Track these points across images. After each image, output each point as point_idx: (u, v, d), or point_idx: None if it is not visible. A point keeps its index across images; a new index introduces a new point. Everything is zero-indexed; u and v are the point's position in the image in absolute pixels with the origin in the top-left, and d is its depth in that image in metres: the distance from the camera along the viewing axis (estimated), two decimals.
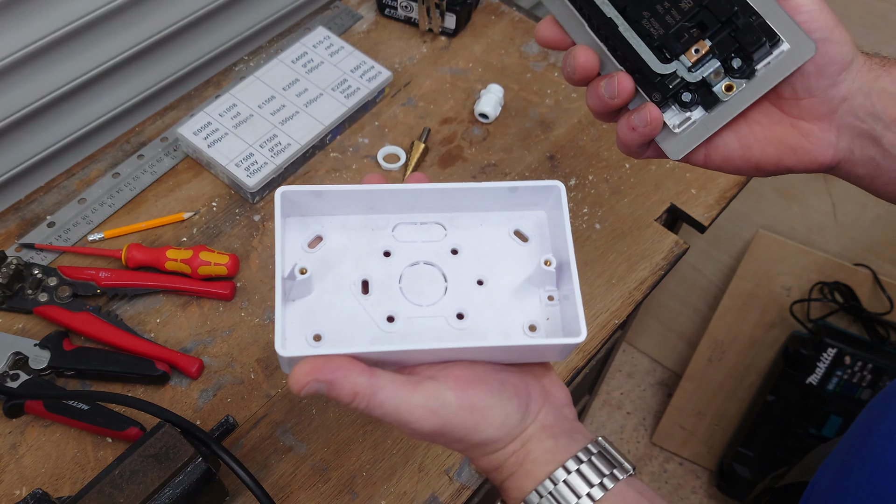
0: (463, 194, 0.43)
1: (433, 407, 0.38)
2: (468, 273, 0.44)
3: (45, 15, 0.72)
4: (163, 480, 0.52)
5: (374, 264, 0.43)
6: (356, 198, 0.42)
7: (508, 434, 0.40)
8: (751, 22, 0.45)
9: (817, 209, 1.27)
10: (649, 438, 1.63)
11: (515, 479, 0.41)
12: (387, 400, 0.37)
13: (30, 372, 0.64)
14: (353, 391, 0.37)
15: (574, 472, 0.40)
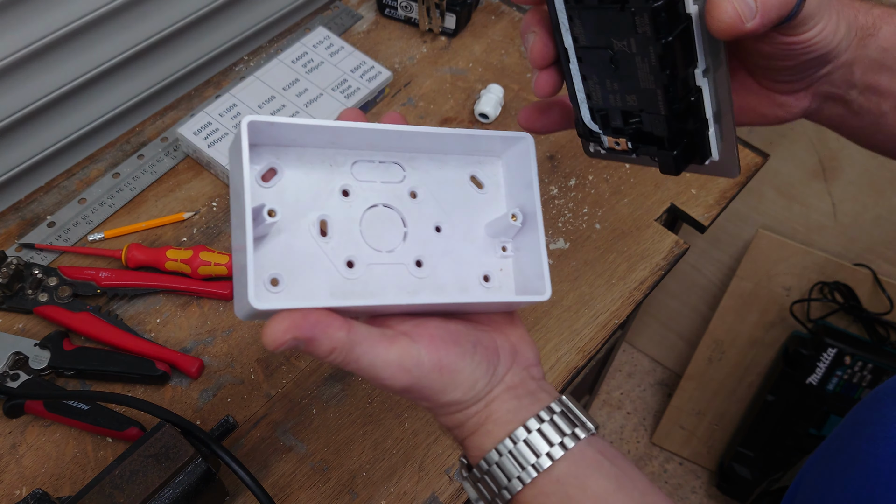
0: (426, 138, 0.42)
1: (406, 365, 0.38)
2: (426, 219, 0.43)
3: (45, 15, 0.71)
4: (163, 480, 0.52)
5: (332, 204, 0.40)
6: (317, 130, 0.39)
7: (475, 396, 0.40)
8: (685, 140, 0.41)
9: (817, 209, 1.27)
10: (649, 438, 1.63)
11: (476, 438, 0.41)
12: (363, 355, 0.37)
13: (30, 372, 0.64)
14: (331, 347, 0.35)
15: (535, 431, 0.40)
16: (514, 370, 0.42)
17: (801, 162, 1.24)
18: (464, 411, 0.41)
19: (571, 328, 0.71)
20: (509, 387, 0.42)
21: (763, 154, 0.84)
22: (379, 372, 0.37)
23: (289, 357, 0.68)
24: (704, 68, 0.38)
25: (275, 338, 0.34)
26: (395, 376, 0.38)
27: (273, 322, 0.35)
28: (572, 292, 0.73)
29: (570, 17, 0.39)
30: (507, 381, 0.42)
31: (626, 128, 0.42)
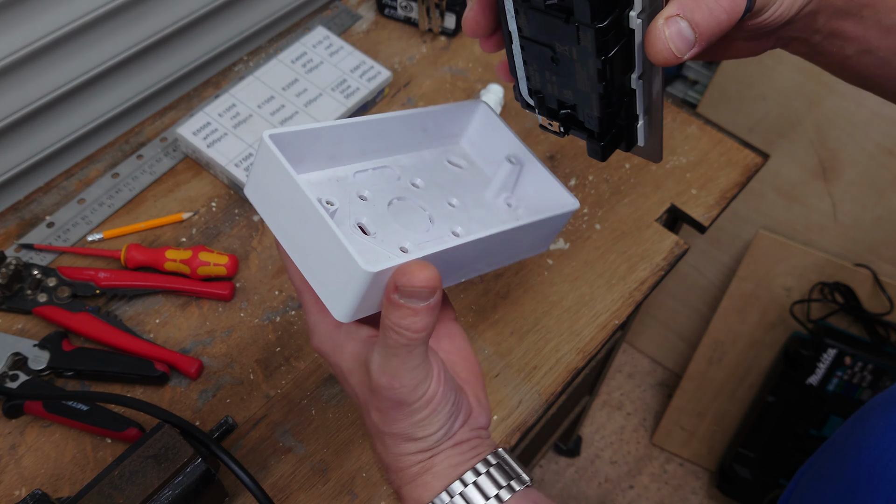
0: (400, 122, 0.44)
1: (417, 381, 0.39)
2: (438, 199, 0.45)
3: (45, 15, 0.71)
4: (162, 481, 0.52)
5: (357, 209, 0.42)
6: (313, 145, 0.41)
7: (428, 444, 0.41)
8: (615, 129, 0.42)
9: (817, 210, 1.27)
10: (649, 439, 1.63)
11: (413, 489, 0.42)
12: (418, 354, 0.38)
13: (29, 372, 0.63)
14: (427, 325, 0.37)
15: (471, 484, 0.40)
16: (465, 429, 0.43)
17: (801, 162, 1.24)
18: (411, 455, 0.42)
19: (571, 329, 0.71)
20: (456, 443, 0.42)
21: (763, 154, 0.84)
22: (405, 372, 0.38)
23: (288, 358, 0.68)
24: (640, 73, 0.39)
25: (421, 281, 0.35)
26: (407, 385, 0.38)
27: (418, 267, 0.36)
28: (572, 293, 0.73)
29: (517, 10, 0.39)
30: (456, 438, 0.42)
31: (559, 113, 0.43)
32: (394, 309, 0.37)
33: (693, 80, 1.35)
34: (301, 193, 0.37)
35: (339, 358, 0.42)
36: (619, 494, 1.57)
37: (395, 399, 0.39)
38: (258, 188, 0.39)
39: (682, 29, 0.34)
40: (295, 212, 0.37)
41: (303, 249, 0.38)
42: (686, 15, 0.34)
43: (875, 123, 1.14)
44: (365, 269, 0.35)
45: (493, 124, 0.47)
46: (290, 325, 0.69)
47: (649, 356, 1.73)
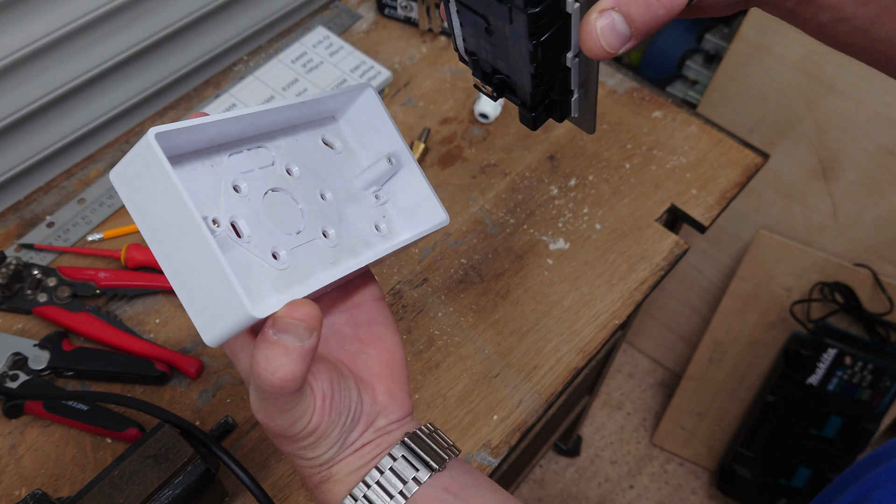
0: (273, 114, 0.42)
1: (294, 418, 0.37)
2: (310, 190, 0.44)
3: (45, 15, 0.71)
4: (162, 481, 0.52)
5: (232, 204, 0.39)
6: (193, 134, 0.38)
7: (322, 460, 0.40)
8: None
9: (817, 209, 1.27)
10: (649, 439, 1.63)
11: (320, 494, 0.41)
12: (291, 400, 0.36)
13: (29, 372, 0.63)
14: (297, 375, 0.34)
15: (374, 484, 0.39)
16: (367, 433, 0.41)
17: (801, 162, 1.24)
18: (310, 468, 0.41)
19: (571, 329, 0.71)
20: (356, 449, 0.41)
21: (763, 154, 0.84)
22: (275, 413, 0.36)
23: None
24: (576, 53, 0.37)
25: (301, 315, 0.33)
26: (281, 424, 0.37)
27: (299, 304, 0.34)
28: (572, 293, 0.73)
29: None
30: (355, 445, 0.41)
31: (493, 77, 0.42)
32: (265, 346, 0.34)
33: (693, 80, 1.35)
34: (189, 216, 0.33)
35: (235, 364, 0.40)
36: (619, 494, 1.57)
37: (274, 432, 0.38)
38: (130, 182, 0.35)
39: (616, 23, 0.32)
40: (176, 229, 0.34)
41: (177, 266, 0.35)
42: (621, 8, 0.32)
43: (875, 123, 1.14)
44: (252, 313, 0.33)
45: (376, 112, 0.46)
46: None
47: (649, 356, 1.73)
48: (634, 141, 0.84)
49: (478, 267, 0.74)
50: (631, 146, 0.83)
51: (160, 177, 0.34)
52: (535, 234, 0.76)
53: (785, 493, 1.44)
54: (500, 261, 0.74)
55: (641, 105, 0.87)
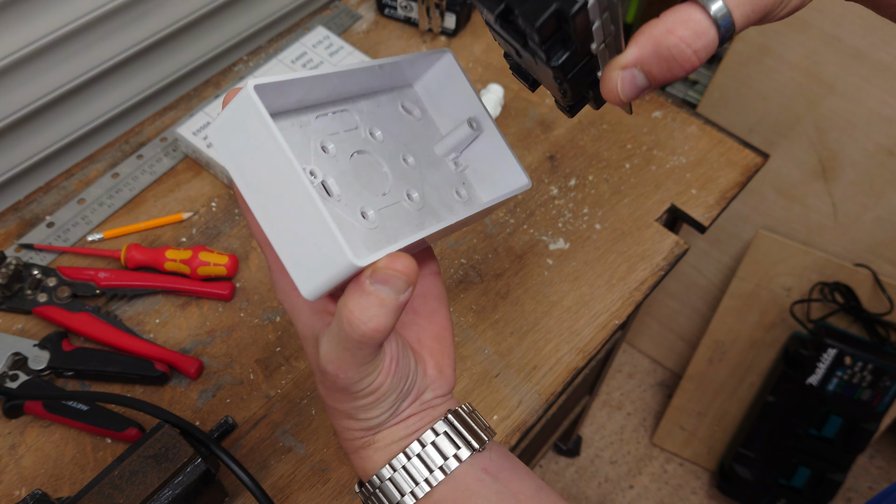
0: (357, 75, 0.42)
1: (363, 373, 0.37)
2: (394, 154, 0.44)
3: (45, 15, 0.71)
4: (162, 481, 0.52)
5: (321, 164, 0.40)
6: (284, 92, 0.38)
7: (372, 424, 0.40)
8: None
9: (818, 210, 1.27)
10: (649, 439, 1.63)
11: (359, 459, 0.41)
12: (373, 353, 0.36)
13: (29, 372, 0.63)
14: (386, 327, 0.34)
15: (414, 457, 0.39)
16: (414, 405, 0.41)
17: (801, 162, 1.24)
18: (355, 431, 0.41)
19: (571, 329, 0.71)
20: (402, 419, 0.41)
21: (763, 154, 0.84)
22: (352, 365, 0.36)
23: (288, 357, 0.68)
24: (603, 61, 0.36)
25: (402, 268, 0.33)
26: (351, 377, 0.37)
27: (401, 256, 0.33)
28: (572, 293, 0.73)
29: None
30: (402, 416, 0.41)
31: (528, 76, 0.41)
32: (359, 296, 0.33)
33: (693, 80, 1.35)
34: (291, 169, 0.33)
35: (295, 320, 0.39)
36: (619, 494, 1.57)
37: (338, 385, 0.37)
38: (229, 136, 0.35)
39: (636, 78, 0.33)
40: (275, 181, 0.34)
41: (276, 218, 0.35)
42: (643, 67, 0.32)
43: (875, 123, 1.14)
44: (354, 262, 0.33)
45: (455, 77, 0.45)
46: (290, 325, 0.69)
47: (649, 356, 1.73)
48: (634, 141, 0.84)
49: (478, 267, 0.74)
50: (631, 146, 0.83)
51: (260, 129, 0.34)
52: (535, 234, 0.76)
53: (785, 493, 1.44)
54: (500, 261, 0.74)
55: (641, 105, 0.87)
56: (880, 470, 1.62)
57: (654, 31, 0.31)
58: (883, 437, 1.62)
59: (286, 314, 0.40)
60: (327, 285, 0.34)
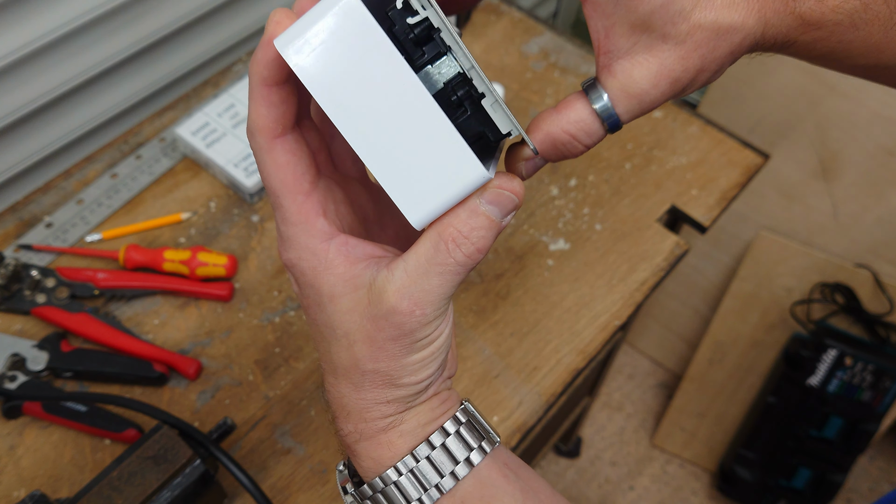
0: None
1: (443, 310, 0.35)
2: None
3: (45, 15, 0.71)
4: (161, 482, 0.52)
5: None
6: None
7: (414, 392, 0.37)
8: None
9: (818, 210, 1.27)
10: (650, 440, 1.63)
11: (373, 447, 0.37)
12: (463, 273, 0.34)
13: (28, 373, 0.63)
14: (487, 247, 0.33)
15: (439, 446, 0.36)
16: (438, 383, 0.39)
17: (801, 162, 1.24)
18: (385, 405, 0.37)
19: (572, 329, 0.70)
20: (429, 397, 0.38)
21: (763, 154, 0.84)
22: (437, 296, 0.34)
23: (287, 358, 0.67)
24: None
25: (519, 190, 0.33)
26: (436, 310, 0.34)
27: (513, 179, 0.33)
28: (573, 293, 0.73)
29: None
30: (429, 392, 0.38)
31: None
32: (470, 217, 0.32)
33: None
34: (409, 82, 0.30)
35: (322, 279, 0.35)
36: (620, 495, 1.57)
37: (405, 329, 0.34)
38: (319, 53, 0.31)
39: (536, 163, 0.36)
40: (386, 98, 0.31)
41: (382, 141, 0.32)
42: (542, 155, 0.35)
43: (875, 123, 1.14)
44: (488, 175, 0.31)
45: None
46: (289, 325, 0.69)
47: (650, 357, 1.72)
48: (635, 141, 0.84)
49: (478, 267, 0.74)
50: (631, 146, 0.83)
51: (368, 39, 0.30)
52: (536, 235, 0.76)
53: (785, 493, 1.44)
54: (501, 261, 0.74)
55: None
56: (881, 471, 1.61)
57: (550, 129, 0.34)
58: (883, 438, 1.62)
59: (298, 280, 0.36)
60: (445, 206, 0.32)
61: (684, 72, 0.33)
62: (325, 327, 0.37)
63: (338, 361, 0.37)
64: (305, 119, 0.38)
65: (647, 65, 0.33)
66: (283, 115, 0.34)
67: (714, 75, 0.34)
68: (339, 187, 0.38)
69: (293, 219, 0.35)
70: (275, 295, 0.71)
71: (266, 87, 0.33)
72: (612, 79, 0.33)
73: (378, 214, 0.41)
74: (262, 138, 0.34)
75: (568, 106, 0.34)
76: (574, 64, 0.90)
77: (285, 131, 0.34)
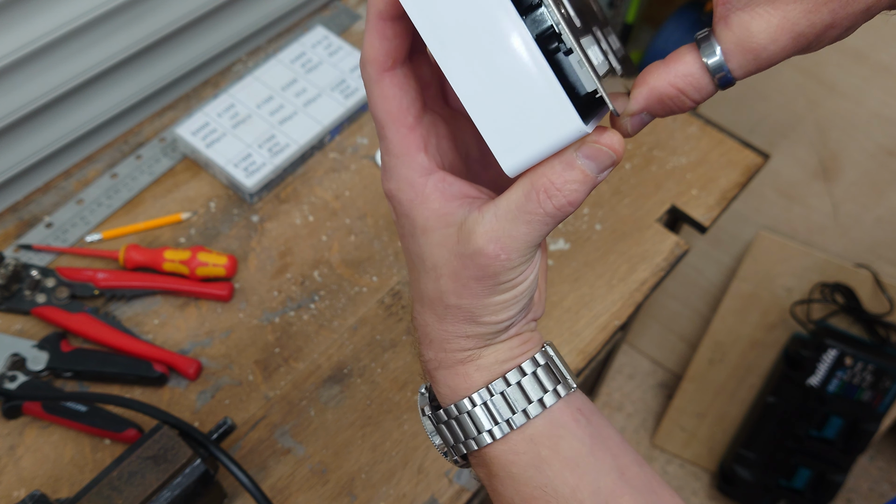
0: None
1: (532, 250, 0.35)
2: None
3: (45, 15, 0.71)
4: (161, 482, 0.52)
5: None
6: None
7: (494, 331, 0.38)
8: None
9: (818, 210, 1.27)
10: (650, 440, 1.63)
11: (451, 376, 0.38)
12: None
13: (28, 373, 0.63)
14: (581, 199, 0.33)
15: (514, 384, 0.37)
16: (522, 323, 0.39)
17: (801, 162, 1.24)
18: (465, 339, 0.38)
19: (572, 329, 0.70)
20: (510, 336, 0.39)
21: (763, 154, 0.84)
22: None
23: (287, 358, 0.68)
24: None
25: (620, 145, 0.32)
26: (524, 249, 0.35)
27: (614, 134, 0.32)
28: (573, 293, 0.73)
29: None
30: (511, 332, 0.39)
31: None
32: (565, 169, 0.32)
33: None
34: (513, 21, 0.30)
35: (417, 211, 0.36)
36: None
37: (489, 271, 0.35)
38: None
39: (643, 119, 0.34)
40: (487, 37, 0.30)
41: (481, 83, 0.31)
42: (648, 111, 0.34)
43: (875, 123, 1.14)
44: (585, 128, 0.30)
45: None
46: (289, 325, 0.69)
47: (650, 357, 1.72)
48: (635, 141, 0.84)
49: None
50: (631, 146, 0.83)
51: None
52: None
53: (785, 494, 1.44)
54: None
55: None
56: (881, 471, 1.61)
57: (657, 84, 0.32)
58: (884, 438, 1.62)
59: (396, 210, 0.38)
60: (539, 156, 0.32)
61: (810, 27, 0.30)
62: (416, 257, 0.38)
63: (425, 291, 0.38)
64: (420, 53, 0.38)
65: (768, 17, 0.30)
66: (394, 49, 0.34)
67: (845, 32, 0.32)
68: (446, 123, 0.39)
69: (395, 150, 0.36)
70: (275, 295, 0.71)
71: (381, 21, 0.34)
72: (728, 31, 0.31)
73: (481, 153, 0.41)
74: (372, 70, 0.35)
75: (677, 59, 0.32)
76: None
77: (395, 65, 0.35)
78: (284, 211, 0.76)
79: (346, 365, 0.67)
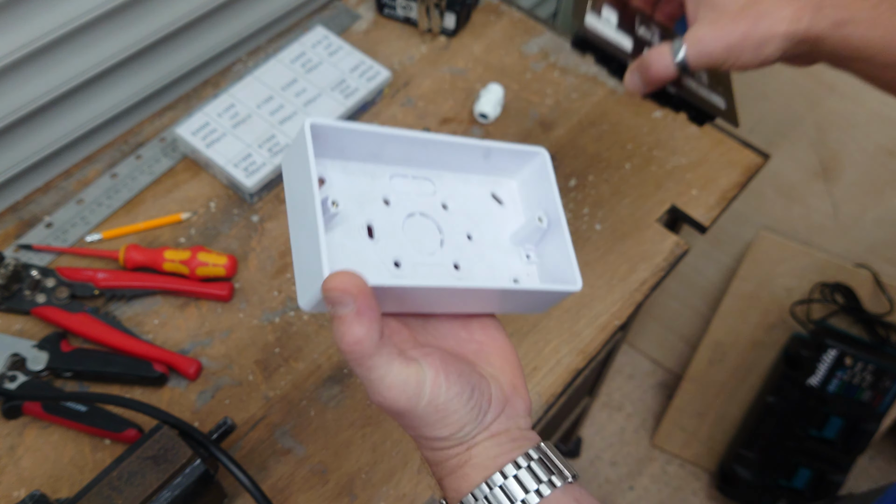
0: (449, 149, 0.46)
1: (410, 392, 0.38)
2: (458, 227, 0.46)
3: (44, 14, 0.71)
4: (161, 482, 0.52)
5: (375, 211, 0.44)
6: (360, 141, 0.43)
7: (459, 439, 0.41)
8: None
9: (818, 210, 1.27)
10: (650, 440, 1.63)
11: (453, 480, 0.42)
12: (377, 366, 0.37)
13: (28, 373, 0.63)
14: (359, 337, 0.36)
15: (511, 477, 0.40)
16: (501, 419, 0.43)
17: (801, 162, 1.24)
18: (445, 450, 0.42)
19: (572, 329, 0.70)
20: (493, 434, 0.42)
21: (764, 154, 0.84)
22: (383, 388, 0.38)
23: (287, 359, 0.67)
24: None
25: (334, 284, 0.36)
26: (396, 398, 0.38)
27: (339, 273, 0.36)
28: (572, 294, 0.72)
29: None
30: (492, 430, 0.42)
31: None
32: (333, 322, 0.37)
33: None
34: (309, 186, 0.39)
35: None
36: (620, 496, 1.57)
37: (394, 410, 0.39)
38: (289, 164, 0.42)
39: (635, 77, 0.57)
40: (303, 199, 0.40)
41: (297, 234, 0.40)
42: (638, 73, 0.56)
43: (875, 123, 1.14)
44: (323, 272, 0.37)
45: (544, 176, 0.48)
46: (289, 325, 0.69)
47: (650, 357, 1.72)
48: (635, 141, 0.84)
49: None
50: (631, 146, 0.83)
51: (303, 155, 0.40)
52: None
53: (785, 493, 1.44)
54: None
55: (642, 105, 0.87)
56: (881, 471, 1.61)
57: (642, 58, 0.55)
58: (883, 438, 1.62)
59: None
60: (314, 294, 0.38)
61: (737, 38, 0.51)
62: None
63: None
64: None
65: (708, 28, 0.52)
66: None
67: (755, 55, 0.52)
68: None
69: None
70: (275, 295, 0.71)
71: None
72: (688, 34, 0.53)
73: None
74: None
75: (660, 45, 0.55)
76: (574, 64, 0.90)
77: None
78: (284, 211, 0.76)
79: (346, 365, 0.67)
